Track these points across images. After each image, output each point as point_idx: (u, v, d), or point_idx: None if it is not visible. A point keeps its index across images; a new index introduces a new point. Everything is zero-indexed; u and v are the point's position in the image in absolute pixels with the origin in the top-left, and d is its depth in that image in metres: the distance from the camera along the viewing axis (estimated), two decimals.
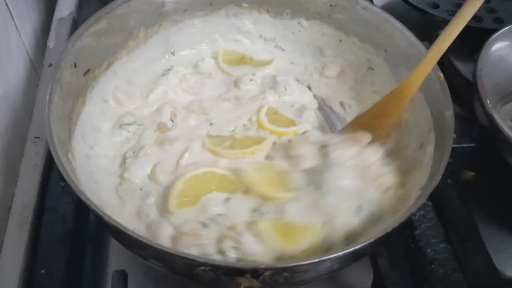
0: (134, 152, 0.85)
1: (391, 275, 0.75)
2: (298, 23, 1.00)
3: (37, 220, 0.82)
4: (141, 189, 0.81)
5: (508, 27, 0.96)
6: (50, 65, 1.04)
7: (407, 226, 0.82)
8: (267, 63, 1.01)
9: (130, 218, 0.77)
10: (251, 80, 0.96)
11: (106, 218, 0.63)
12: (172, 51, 1.00)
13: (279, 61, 1.02)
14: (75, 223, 0.81)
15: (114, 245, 0.86)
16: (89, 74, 0.86)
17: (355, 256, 0.68)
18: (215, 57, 1.01)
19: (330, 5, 0.95)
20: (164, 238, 0.73)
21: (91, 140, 0.84)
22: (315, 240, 0.72)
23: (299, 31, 1.01)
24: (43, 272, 0.75)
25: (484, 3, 1.07)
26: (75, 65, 0.81)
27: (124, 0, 0.88)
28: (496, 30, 0.95)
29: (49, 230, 0.80)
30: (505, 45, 0.95)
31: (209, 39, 1.02)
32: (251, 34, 1.02)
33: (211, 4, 0.98)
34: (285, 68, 1.02)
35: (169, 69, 0.98)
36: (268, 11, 1.00)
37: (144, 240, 0.62)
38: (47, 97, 0.73)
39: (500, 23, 1.05)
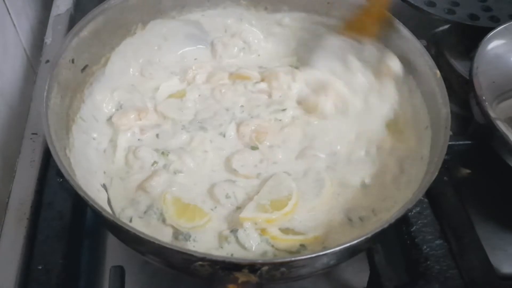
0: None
1: (387, 271, 0.75)
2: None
3: (34, 216, 0.82)
4: None
5: (504, 25, 0.96)
6: (47, 61, 1.04)
7: (403, 223, 0.83)
8: None
9: None
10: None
11: (104, 213, 0.63)
12: None
13: None
14: (72, 219, 0.81)
15: (111, 241, 0.86)
16: (86, 70, 0.86)
17: (352, 252, 0.69)
18: None
19: (328, 3, 0.95)
20: None
21: (89, 136, 0.84)
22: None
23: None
24: (40, 268, 0.75)
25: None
26: (72, 61, 0.81)
27: None
28: (492, 28, 0.96)
29: (46, 226, 0.80)
30: (501, 43, 0.95)
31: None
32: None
33: (208, 1, 0.98)
34: None
35: None
36: (266, 9, 1.00)
37: (141, 235, 0.62)
38: (45, 93, 0.73)
39: (496, 21, 1.05)
